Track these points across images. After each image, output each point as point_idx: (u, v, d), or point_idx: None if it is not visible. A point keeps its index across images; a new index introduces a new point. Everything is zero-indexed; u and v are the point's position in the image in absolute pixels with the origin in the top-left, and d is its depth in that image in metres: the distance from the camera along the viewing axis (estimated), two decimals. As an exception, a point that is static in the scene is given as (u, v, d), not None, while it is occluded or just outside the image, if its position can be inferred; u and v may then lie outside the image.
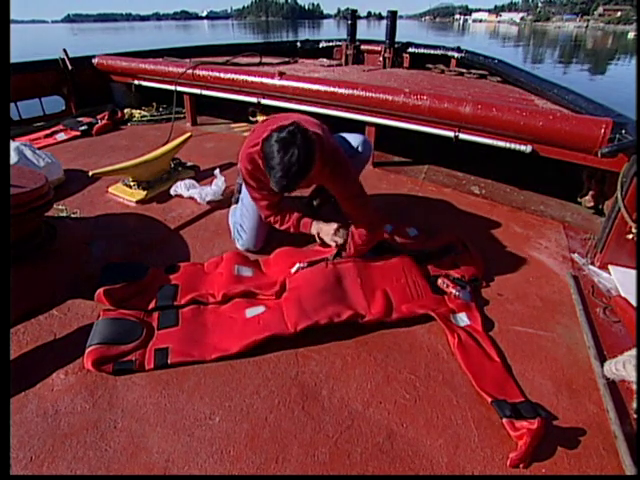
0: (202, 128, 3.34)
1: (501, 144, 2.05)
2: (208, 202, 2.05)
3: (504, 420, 0.99)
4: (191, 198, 2.08)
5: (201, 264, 1.57)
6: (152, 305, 1.34)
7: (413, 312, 1.33)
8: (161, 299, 1.37)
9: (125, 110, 3.49)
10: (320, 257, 1.54)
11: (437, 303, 1.37)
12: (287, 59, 3.94)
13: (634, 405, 1.04)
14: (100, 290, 1.33)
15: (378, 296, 1.36)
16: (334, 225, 1.55)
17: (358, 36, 4.38)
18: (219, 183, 2.10)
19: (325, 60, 4.23)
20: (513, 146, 2.01)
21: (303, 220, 1.57)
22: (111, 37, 41.72)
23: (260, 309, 1.33)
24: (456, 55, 4.17)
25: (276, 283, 1.42)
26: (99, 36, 44.90)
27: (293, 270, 1.46)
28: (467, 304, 1.38)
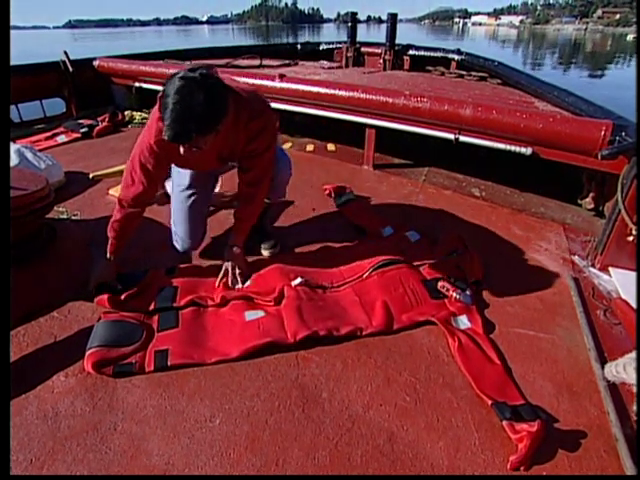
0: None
1: (501, 146, 2.05)
2: (208, 204, 2.04)
3: (504, 423, 0.99)
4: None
5: (201, 266, 1.57)
6: (152, 307, 1.34)
7: (413, 320, 1.32)
8: (160, 301, 1.37)
9: (126, 112, 3.49)
10: (321, 283, 1.49)
11: (437, 308, 1.37)
12: (287, 61, 3.95)
13: (635, 407, 1.04)
14: (100, 292, 1.34)
15: (378, 307, 1.35)
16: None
17: (358, 40, 4.39)
18: (218, 185, 2.09)
19: (325, 62, 4.25)
20: (513, 148, 2.01)
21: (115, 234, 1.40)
22: (112, 43, 41.76)
23: (260, 313, 1.33)
24: (456, 57, 4.18)
25: (274, 289, 1.41)
26: (100, 42, 44.91)
27: (294, 283, 1.43)
28: (468, 307, 1.38)
